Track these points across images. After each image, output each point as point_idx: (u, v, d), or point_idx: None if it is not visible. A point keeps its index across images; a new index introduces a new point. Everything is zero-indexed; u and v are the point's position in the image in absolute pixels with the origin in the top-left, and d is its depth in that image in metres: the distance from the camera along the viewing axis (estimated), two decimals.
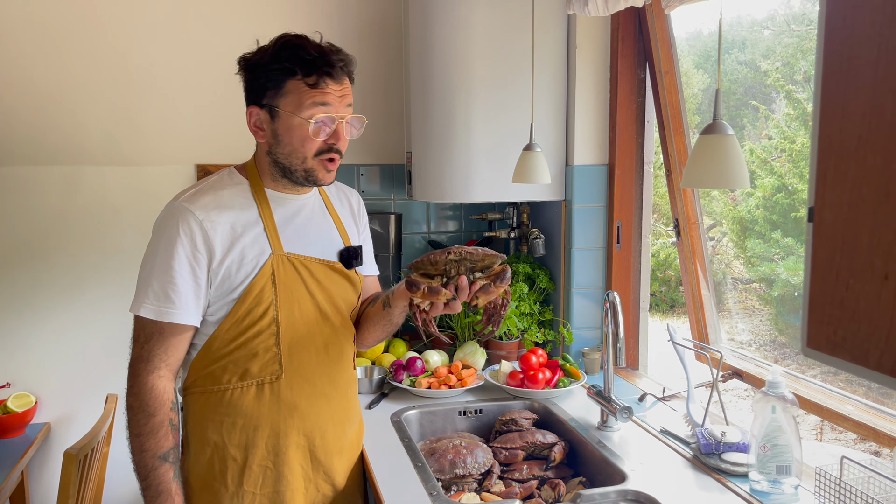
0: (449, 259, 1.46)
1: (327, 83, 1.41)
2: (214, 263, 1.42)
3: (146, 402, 1.41)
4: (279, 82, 1.42)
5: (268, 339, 1.46)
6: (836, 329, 0.73)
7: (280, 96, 1.42)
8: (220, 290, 1.43)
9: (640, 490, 1.51)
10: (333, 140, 1.44)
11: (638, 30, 2.23)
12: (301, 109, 1.41)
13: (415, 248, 2.82)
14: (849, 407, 1.66)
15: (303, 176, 1.47)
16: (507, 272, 1.47)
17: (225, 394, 1.46)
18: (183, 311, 1.40)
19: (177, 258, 1.39)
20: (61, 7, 2.43)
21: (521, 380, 2.08)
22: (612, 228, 2.32)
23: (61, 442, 2.52)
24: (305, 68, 1.40)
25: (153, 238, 1.44)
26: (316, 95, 1.41)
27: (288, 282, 1.47)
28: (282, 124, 1.44)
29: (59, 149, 2.48)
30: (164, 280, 1.39)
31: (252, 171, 1.53)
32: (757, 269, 4.56)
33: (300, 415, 1.50)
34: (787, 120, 4.03)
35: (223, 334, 1.45)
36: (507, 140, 2.24)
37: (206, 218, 1.41)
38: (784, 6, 4.29)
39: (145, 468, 1.40)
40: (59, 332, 2.53)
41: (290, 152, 1.45)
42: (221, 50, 2.57)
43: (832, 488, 1.32)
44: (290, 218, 1.52)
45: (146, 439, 1.40)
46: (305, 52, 1.41)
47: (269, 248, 1.46)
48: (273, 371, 1.47)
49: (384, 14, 2.69)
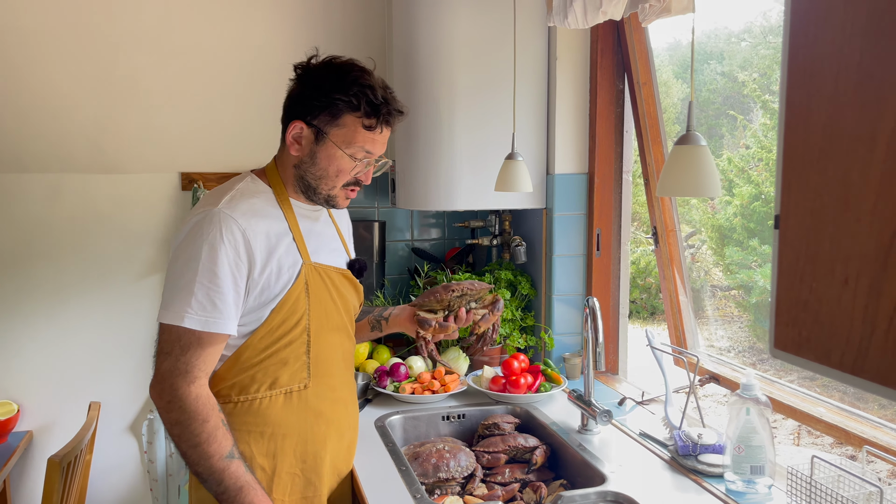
0: (454, 297, 1.72)
1: (382, 130, 1.45)
2: (255, 273, 1.39)
3: (196, 412, 1.34)
4: (337, 112, 1.42)
5: (299, 348, 1.47)
6: (801, 330, 0.77)
7: (334, 125, 1.43)
8: (258, 300, 1.41)
9: (620, 491, 1.54)
10: (363, 178, 1.49)
11: (617, 42, 2.29)
12: (350, 146, 1.43)
13: (398, 255, 2.84)
14: (821, 409, 1.71)
15: (324, 199, 1.50)
16: (500, 302, 1.78)
17: (253, 403, 1.45)
18: (228, 320, 1.37)
19: (220, 265, 1.35)
20: (46, 14, 2.43)
21: (504, 385, 2.11)
22: (592, 236, 2.36)
23: (44, 450, 2.51)
24: (369, 111, 1.41)
25: (190, 245, 1.36)
26: (367, 140, 1.44)
27: (318, 291, 1.49)
28: (324, 150, 1.44)
29: (42, 156, 2.49)
30: (210, 288, 1.34)
31: (275, 179, 1.51)
32: (735, 277, 4.63)
33: (325, 421, 1.53)
34: (764, 130, 4.11)
35: (255, 343, 1.43)
36: (490, 149, 2.28)
37: (248, 226, 1.39)
38: (761, 18, 4.38)
39: (216, 473, 1.35)
40: (42, 339, 2.52)
41: (322, 177, 1.46)
42: (207, 57, 2.58)
43: (804, 487, 1.36)
44: (310, 228, 1.54)
45: (207, 446, 1.34)
46: (374, 95, 1.41)
47: (300, 259, 1.47)
48: (301, 379, 1.49)
49: (368, 23, 2.72)
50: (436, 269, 2.74)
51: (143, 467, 2.64)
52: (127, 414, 2.60)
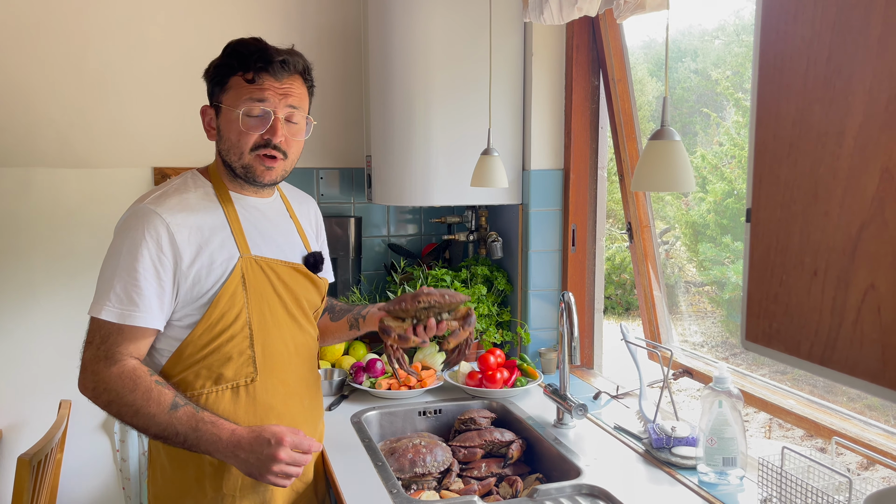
0: (419, 308, 1.60)
1: (264, 79, 1.44)
2: (183, 266, 1.40)
3: (122, 385, 1.35)
4: (222, 80, 1.46)
5: (241, 343, 1.46)
6: (771, 322, 0.78)
7: (223, 93, 1.46)
8: (189, 295, 1.42)
9: (595, 484, 1.56)
10: (269, 135, 1.45)
11: (592, 38, 2.30)
12: (238, 104, 1.44)
13: (374, 251, 2.84)
14: (791, 402, 1.74)
15: (242, 172, 1.48)
16: (472, 316, 1.65)
17: (199, 399, 1.45)
18: (146, 313, 1.38)
19: (141, 260, 1.37)
20: (14, 6, 2.39)
21: (480, 380, 2.12)
22: (568, 231, 2.38)
23: (13, 449, 2.47)
24: (244, 64, 1.44)
25: (116, 240, 1.42)
26: (253, 91, 1.43)
27: (257, 285, 1.48)
28: (223, 119, 1.47)
29: (10, 150, 2.44)
30: (128, 282, 1.37)
31: (214, 174, 1.54)
32: (709, 273, 4.68)
33: (276, 415, 1.51)
34: (737, 127, 4.15)
35: (196, 340, 1.43)
36: (466, 145, 2.28)
37: (173, 221, 1.40)
38: (734, 17, 4.42)
39: (169, 427, 1.35)
40: (11, 337, 2.47)
41: (230, 147, 1.46)
42: (179, 52, 2.55)
43: (774, 478, 1.39)
44: (254, 220, 1.53)
45: (147, 409, 1.35)
46: (245, 49, 1.45)
47: (237, 252, 1.46)
48: (248, 374, 1.47)
49: (344, 19, 2.71)
50: (412, 264, 2.74)
51: (116, 466, 2.61)
52: (98, 412, 2.54)
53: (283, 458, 1.34)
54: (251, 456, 1.35)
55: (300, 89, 1.49)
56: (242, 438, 1.36)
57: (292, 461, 1.36)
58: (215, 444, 1.35)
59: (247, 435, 1.36)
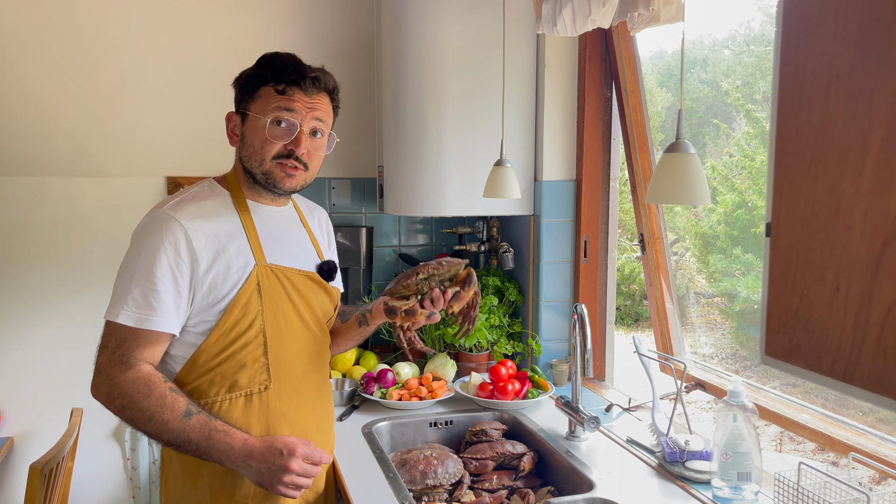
0: (419, 279, 1.59)
1: (294, 91, 1.46)
2: (200, 272, 1.41)
3: (136, 391, 1.35)
4: (252, 88, 1.48)
5: (255, 350, 1.47)
6: (792, 338, 0.77)
7: (252, 101, 1.48)
8: (205, 301, 1.42)
9: (607, 498, 1.55)
10: (293, 146, 1.47)
11: (605, 50, 2.30)
12: (266, 112, 1.46)
13: (385, 261, 2.84)
14: (806, 416, 1.72)
15: (262, 178, 1.49)
16: (473, 275, 1.62)
17: (213, 407, 1.45)
18: (163, 318, 1.38)
19: (159, 265, 1.38)
20: (30, 17, 2.41)
21: (491, 391, 2.11)
22: (580, 242, 2.37)
23: (25, 457, 2.48)
24: (277, 76, 1.46)
25: (134, 245, 1.42)
26: (282, 101, 1.45)
27: (272, 293, 1.49)
28: (249, 126, 1.49)
29: (26, 159, 2.46)
30: (146, 287, 1.37)
31: (232, 182, 1.55)
32: (719, 284, 4.66)
33: (289, 423, 1.51)
34: (747, 138, 4.15)
35: (210, 347, 1.44)
36: (478, 155, 2.28)
37: (191, 227, 1.41)
38: (744, 27, 4.42)
39: (181, 435, 1.35)
40: (25, 345, 2.49)
41: (252, 154, 1.48)
42: (194, 63, 2.57)
43: (790, 493, 1.37)
44: (270, 228, 1.54)
45: (161, 415, 1.35)
46: (280, 62, 1.47)
47: (253, 260, 1.47)
48: (262, 381, 1.48)
49: (357, 30, 2.72)
50: None
51: (126, 474, 2.61)
52: (109, 420, 2.57)
53: (295, 469, 1.35)
54: (263, 466, 1.35)
55: (327, 106, 1.52)
56: (254, 448, 1.36)
57: (303, 472, 1.36)
58: (227, 453, 1.35)
59: (259, 445, 1.36)
